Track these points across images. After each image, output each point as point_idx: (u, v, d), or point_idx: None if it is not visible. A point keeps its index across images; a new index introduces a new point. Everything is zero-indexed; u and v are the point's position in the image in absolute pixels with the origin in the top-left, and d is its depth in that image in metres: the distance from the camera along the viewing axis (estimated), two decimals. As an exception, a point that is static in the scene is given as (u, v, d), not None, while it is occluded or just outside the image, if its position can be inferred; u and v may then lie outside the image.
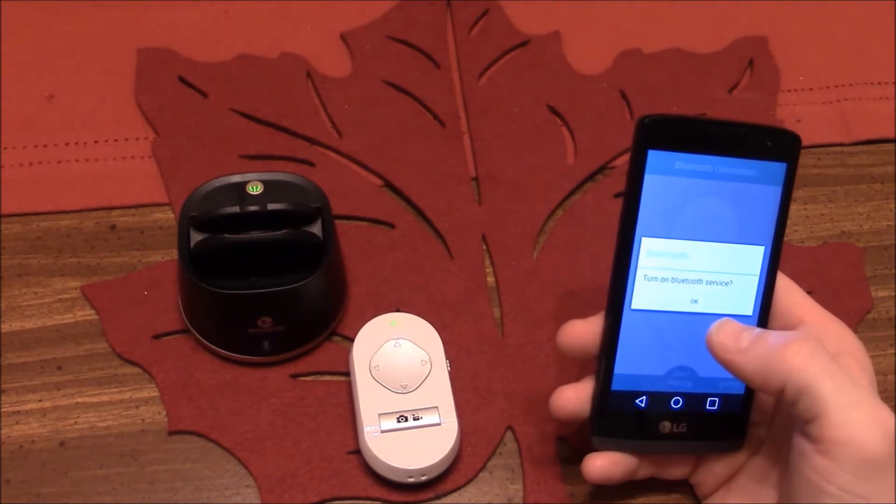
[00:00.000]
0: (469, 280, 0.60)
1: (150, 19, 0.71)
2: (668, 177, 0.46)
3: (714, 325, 0.46)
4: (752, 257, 0.48)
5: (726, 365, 0.45)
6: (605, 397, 0.48)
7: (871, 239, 0.63)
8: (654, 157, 0.46)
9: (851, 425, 0.41)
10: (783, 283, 0.49)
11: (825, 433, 0.42)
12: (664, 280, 0.47)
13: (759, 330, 0.45)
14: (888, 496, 0.41)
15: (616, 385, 0.48)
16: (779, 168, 0.47)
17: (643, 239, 0.47)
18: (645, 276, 0.47)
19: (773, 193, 0.48)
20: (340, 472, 0.53)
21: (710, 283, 0.48)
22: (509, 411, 0.55)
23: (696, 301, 0.48)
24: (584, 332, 0.48)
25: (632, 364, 0.48)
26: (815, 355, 0.43)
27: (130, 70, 0.68)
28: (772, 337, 0.44)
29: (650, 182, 0.46)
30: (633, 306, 0.47)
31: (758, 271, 0.48)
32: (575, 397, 0.49)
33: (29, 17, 0.71)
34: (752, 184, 0.47)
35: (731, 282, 0.48)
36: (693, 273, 0.48)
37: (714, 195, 0.47)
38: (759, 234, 0.48)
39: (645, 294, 0.47)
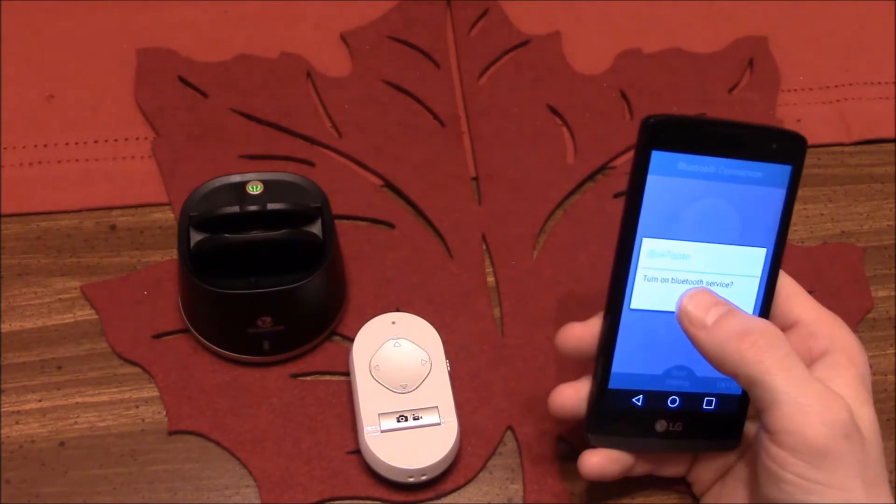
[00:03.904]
0: (469, 280, 0.60)
1: (150, 19, 0.71)
2: (671, 178, 0.46)
3: (687, 294, 0.46)
4: (754, 259, 0.48)
5: (688, 336, 0.46)
6: (602, 395, 0.48)
7: (871, 239, 0.63)
8: (658, 157, 0.46)
9: (799, 416, 0.43)
10: (783, 281, 0.49)
11: (776, 423, 0.43)
12: (664, 280, 0.47)
13: (729, 307, 0.46)
14: (847, 482, 0.42)
15: (613, 383, 0.48)
16: (784, 171, 0.47)
17: (644, 239, 0.47)
18: (645, 276, 0.47)
19: (777, 196, 0.47)
20: (340, 472, 0.53)
21: (711, 283, 0.48)
22: (509, 411, 0.55)
23: None
24: (582, 334, 0.49)
25: (629, 363, 0.48)
26: (771, 347, 0.44)
27: (130, 70, 0.68)
28: (734, 321, 0.45)
29: (653, 183, 0.46)
30: (633, 306, 0.48)
31: (759, 273, 0.48)
32: (574, 395, 0.49)
33: (29, 17, 0.71)
34: (756, 186, 0.47)
35: (732, 283, 0.48)
36: (693, 274, 0.48)
37: (717, 197, 0.47)
38: (762, 236, 0.48)
39: (644, 294, 0.47)
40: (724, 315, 0.45)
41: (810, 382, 0.43)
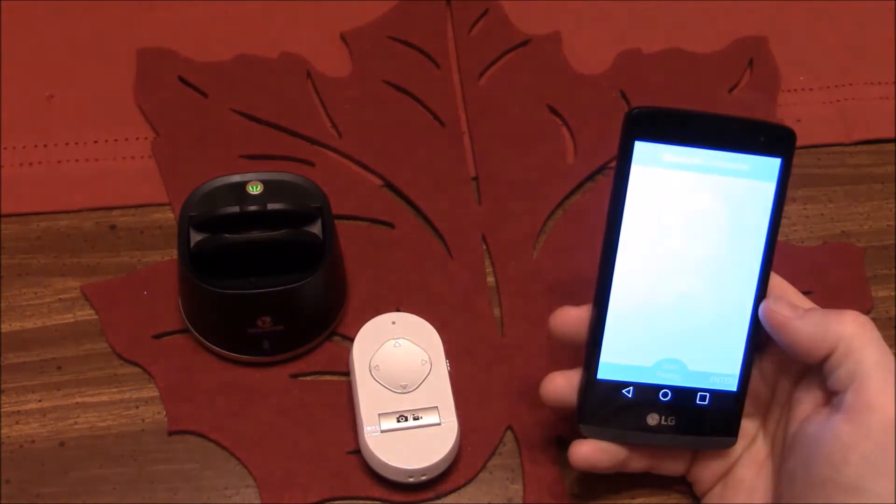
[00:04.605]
0: (469, 280, 0.60)
1: (150, 19, 0.71)
2: (655, 168, 0.46)
3: (770, 298, 0.48)
4: (745, 252, 0.48)
5: (782, 329, 0.46)
6: (591, 385, 0.48)
7: (871, 239, 0.63)
8: (642, 148, 0.46)
9: (889, 393, 0.43)
10: (775, 281, 0.49)
11: (861, 397, 0.43)
12: (652, 272, 0.47)
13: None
14: None
15: (602, 374, 0.48)
16: (773, 163, 0.47)
17: (630, 229, 0.47)
18: (632, 266, 0.47)
19: (768, 189, 0.47)
20: (340, 472, 0.53)
21: (701, 277, 0.48)
22: (509, 411, 0.55)
23: (685, 294, 0.48)
24: (575, 318, 0.49)
25: (618, 354, 0.48)
26: (869, 327, 0.45)
27: (130, 70, 0.68)
28: (822, 309, 0.47)
29: (637, 173, 0.46)
30: (621, 296, 0.48)
31: (751, 268, 0.48)
32: (565, 384, 0.49)
33: (29, 17, 0.71)
34: (746, 178, 0.47)
35: (723, 277, 0.48)
36: (683, 266, 0.48)
37: (704, 188, 0.47)
38: (753, 229, 0.48)
39: (632, 285, 0.47)
40: (811, 307, 0.47)
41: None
